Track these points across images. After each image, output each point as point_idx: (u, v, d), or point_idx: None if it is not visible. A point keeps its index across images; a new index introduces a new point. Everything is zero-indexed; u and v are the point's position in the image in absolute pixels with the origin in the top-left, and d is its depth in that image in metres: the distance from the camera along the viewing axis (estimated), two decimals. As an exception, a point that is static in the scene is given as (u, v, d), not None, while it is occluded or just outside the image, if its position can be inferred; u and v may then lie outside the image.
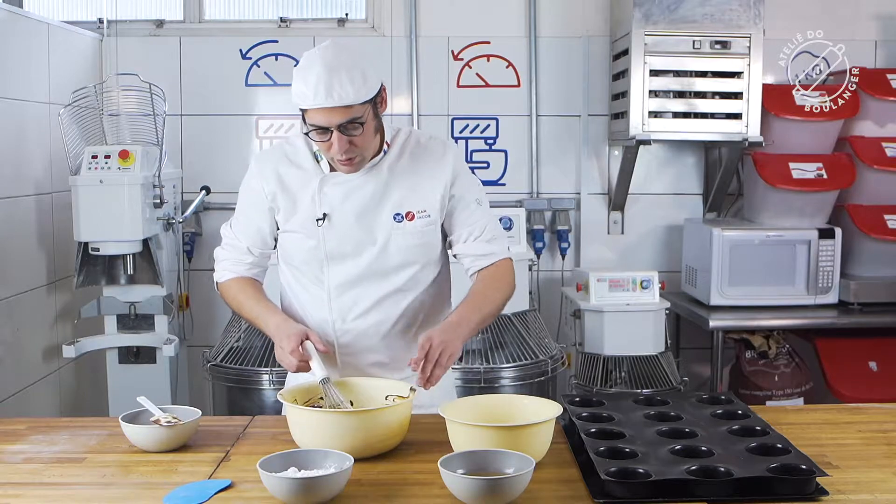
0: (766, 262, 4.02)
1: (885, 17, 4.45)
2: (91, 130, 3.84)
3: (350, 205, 2.20)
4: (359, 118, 2.08)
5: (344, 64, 2.06)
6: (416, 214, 2.22)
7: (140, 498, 1.74)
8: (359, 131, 2.09)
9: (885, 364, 3.99)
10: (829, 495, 1.70)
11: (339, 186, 2.21)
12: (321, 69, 2.05)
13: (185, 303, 4.19)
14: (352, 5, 4.52)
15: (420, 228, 2.23)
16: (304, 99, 2.07)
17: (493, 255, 2.30)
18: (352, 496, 1.72)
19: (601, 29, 4.39)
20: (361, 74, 2.08)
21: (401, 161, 2.24)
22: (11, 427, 2.19)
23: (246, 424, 2.20)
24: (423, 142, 2.29)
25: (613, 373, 3.87)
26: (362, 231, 2.21)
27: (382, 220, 2.21)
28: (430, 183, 2.24)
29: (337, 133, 2.08)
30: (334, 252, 2.22)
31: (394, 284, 2.25)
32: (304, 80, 2.06)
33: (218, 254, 2.38)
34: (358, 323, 2.26)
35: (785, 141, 4.07)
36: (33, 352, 3.79)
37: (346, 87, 2.05)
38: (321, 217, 2.20)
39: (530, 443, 1.84)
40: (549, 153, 4.48)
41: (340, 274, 2.23)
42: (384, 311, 2.25)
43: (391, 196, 2.21)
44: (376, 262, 2.22)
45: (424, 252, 2.26)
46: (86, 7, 4.48)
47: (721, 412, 2.13)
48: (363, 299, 2.24)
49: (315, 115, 2.07)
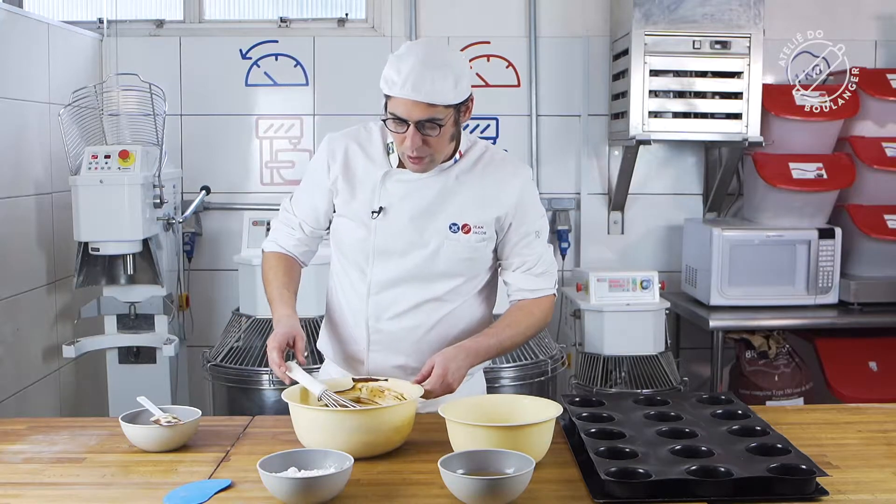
0: (766, 262, 4.02)
1: (885, 17, 4.45)
2: (91, 130, 3.84)
3: (408, 204, 2.18)
4: (439, 119, 2.06)
5: (440, 63, 2.06)
6: (472, 228, 2.19)
7: (140, 498, 1.74)
8: (435, 132, 2.08)
9: (885, 364, 3.99)
10: (829, 495, 1.70)
11: (402, 184, 2.19)
12: (416, 62, 2.03)
13: (185, 303, 4.19)
14: (352, 5, 4.52)
15: (473, 243, 2.20)
16: (392, 86, 2.04)
17: (539, 290, 2.28)
18: (352, 496, 1.72)
19: (601, 29, 4.39)
20: (454, 78, 2.06)
21: (471, 173, 2.22)
22: (11, 427, 2.19)
23: (246, 424, 2.20)
24: (497, 159, 2.27)
25: (613, 373, 3.87)
26: (415, 232, 2.19)
27: (437, 226, 2.19)
28: (493, 201, 2.21)
29: (413, 128, 2.06)
30: (382, 247, 2.20)
31: (435, 292, 2.22)
32: (397, 69, 2.04)
33: (273, 223, 2.38)
34: (392, 323, 2.23)
35: (785, 141, 4.07)
36: (33, 352, 3.79)
37: (436, 85, 2.03)
38: (377, 210, 2.19)
39: (530, 443, 1.84)
40: (549, 153, 4.48)
41: (385, 271, 2.21)
42: (420, 317, 2.23)
43: (452, 204, 2.19)
44: (422, 266, 2.20)
45: (472, 266, 2.24)
46: (86, 7, 4.48)
47: (721, 412, 2.13)
48: (402, 301, 2.22)
49: (397, 105, 2.06)
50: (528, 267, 2.27)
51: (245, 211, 4.14)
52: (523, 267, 2.27)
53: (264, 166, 4.44)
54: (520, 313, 2.27)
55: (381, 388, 2.12)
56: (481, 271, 2.27)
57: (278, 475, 1.67)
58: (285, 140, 4.45)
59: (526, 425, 1.87)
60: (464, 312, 2.26)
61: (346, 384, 2.12)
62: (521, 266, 2.27)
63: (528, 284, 2.28)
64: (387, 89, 2.07)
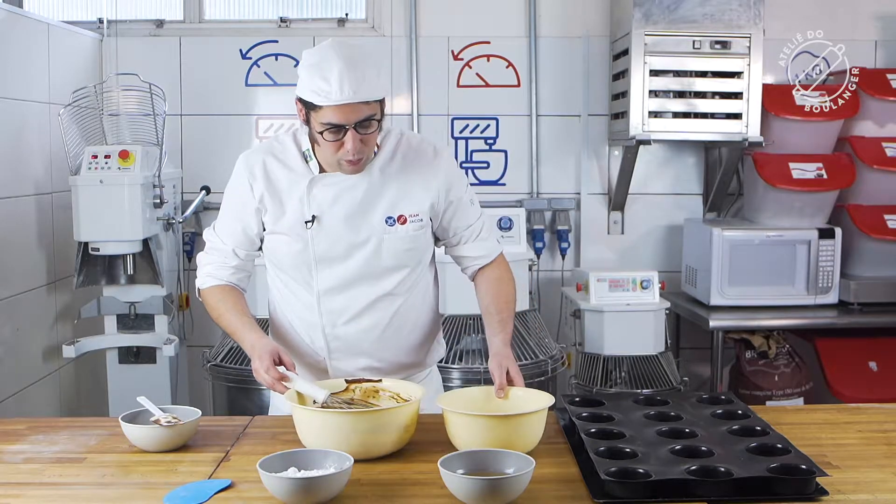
0: (766, 262, 4.02)
1: (885, 17, 4.45)
2: (91, 130, 3.84)
3: (340, 207, 2.16)
4: (375, 115, 2.05)
5: (361, 59, 2.02)
6: (407, 218, 2.19)
7: (140, 498, 1.74)
8: (372, 129, 2.06)
9: (885, 364, 3.99)
10: (828, 495, 1.70)
11: (328, 188, 2.16)
12: (342, 64, 1.98)
13: (185, 303, 4.19)
14: (352, 5, 4.52)
15: (412, 232, 2.20)
16: (327, 96, 1.98)
17: (490, 253, 2.32)
18: (352, 496, 1.72)
19: (601, 29, 4.39)
20: (376, 70, 2.04)
21: (392, 163, 2.19)
22: (11, 427, 2.19)
23: (246, 424, 2.20)
24: (414, 144, 2.23)
25: (613, 373, 3.87)
26: (352, 233, 2.17)
27: (373, 223, 2.17)
28: (422, 187, 2.20)
29: (352, 132, 2.02)
30: (324, 255, 2.18)
31: (384, 288, 2.22)
32: (324, 77, 1.98)
33: (200, 259, 2.29)
34: (349, 327, 2.23)
35: (785, 141, 4.07)
36: (33, 352, 3.79)
37: (371, 81, 2.00)
38: (310, 219, 2.15)
39: (524, 433, 1.90)
40: (549, 153, 4.48)
41: (330, 278, 2.19)
42: (376, 315, 2.23)
43: (382, 198, 2.17)
44: (367, 266, 2.19)
45: (415, 255, 2.24)
46: (86, 7, 4.48)
47: (721, 412, 2.13)
48: (354, 303, 2.21)
49: (332, 113, 2.00)
50: (475, 235, 2.29)
51: (245, 211, 4.13)
52: (472, 237, 2.29)
53: (264, 166, 4.44)
54: (495, 285, 2.30)
55: (375, 389, 2.13)
56: (424, 258, 2.28)
57: (278, 475, 1.67)
58: (285, 140, 4.44)
59: (519, 414, 1.93)
60: (415, 302, 2.27)
61: (339, 386, 2.12)
62: (470, 237, 2.29)
63: (481, 251, 2.30)
64: (320, 100, 1.99)
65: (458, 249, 2.31)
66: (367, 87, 2.00)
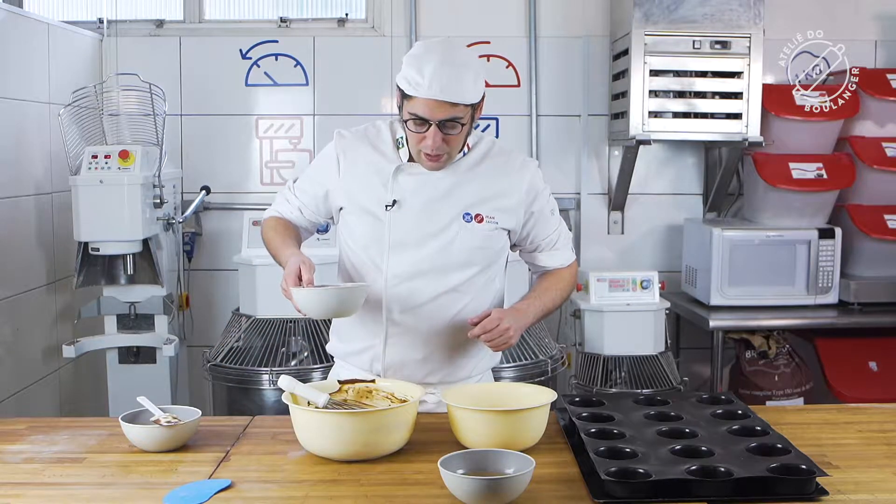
0: (766, 262, 4.02)
1: (885, 17, 4.45)
2: (91, 130, 3.84)
3: (421, 195, 2.20)
4: (460, 118, 2.10)
5: (461, 62, 2.10)
6: (485, 218, 2.22)
7: (140, 498, 1.74)
8: (456, 130, 2.11)
9: (885, 364, 3.99)
10: (828, 495, 1.70)
11: (413, 177, 2.21)
12: (439, 62, 2.06)
13: (185, 303, 4.19)
14: (352, 5, 4.52)
15: (487, 232, 2.23)
16: (417, 87, 2.06)
17: (563, 263, 2.41)
18: (352, 496, 1.72)
19: (601, 29, 4.39)
20: (474, 76, 2.10)
21: (481, 165, 2.25)
22: (11, 427, 2.18)
23: (246, 424, 2.20)
24: (505, 152, 2.31)
25: (613, 373, 3.88)
26: (429, 222, 2.20)
27: (451, 216, 2.21)
28: (504, 194, 2.25)
29: (435, 128, 2.09)
30: (399, 241, 2.21)
31: (451, 283, 2.23)
32: (419, 70, 2.06)
33: (276, 198, 2.42)
34: (410, 316, 2.23)
35: (785, 141, 4.07)
36: (33, 352, 3.79)
37: (461, 84, 2.07)
38: (391, 203, 2.20)
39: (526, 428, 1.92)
40: (549, 153, 4.48)
41: (401, 264, 2.21)
42: (438, 309, 2.23)
43: (464, 195, 2.22)
44: (438, 257, 2.21)
45: (487, 256, 2.26)
46: (86, 7, 4.48)
47: (721, 412, 2.13)
48: (419, 294, 2.22)
49: (419, 105, 2.08)
50: (551, 244, 2.36)
51: (245, 211, 4.14)
52: (549, 247, 2.36)
53: (264, 166, 4.45)
54: (553, 278, 2.39)
55: (368, 389, 2.13)
56: (494, 261, 2.30)
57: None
58: (285, 140, 4.45)
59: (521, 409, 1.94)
60: (480, 305, 2.27)
61: (332, 387, 2.12)
62: (547, 247, 2.36)
63: (554, 262, 2.40)
64: (410, 90, 2.08)
65: (533, 256, 2.39)
66: (457, 89, 2.06)
